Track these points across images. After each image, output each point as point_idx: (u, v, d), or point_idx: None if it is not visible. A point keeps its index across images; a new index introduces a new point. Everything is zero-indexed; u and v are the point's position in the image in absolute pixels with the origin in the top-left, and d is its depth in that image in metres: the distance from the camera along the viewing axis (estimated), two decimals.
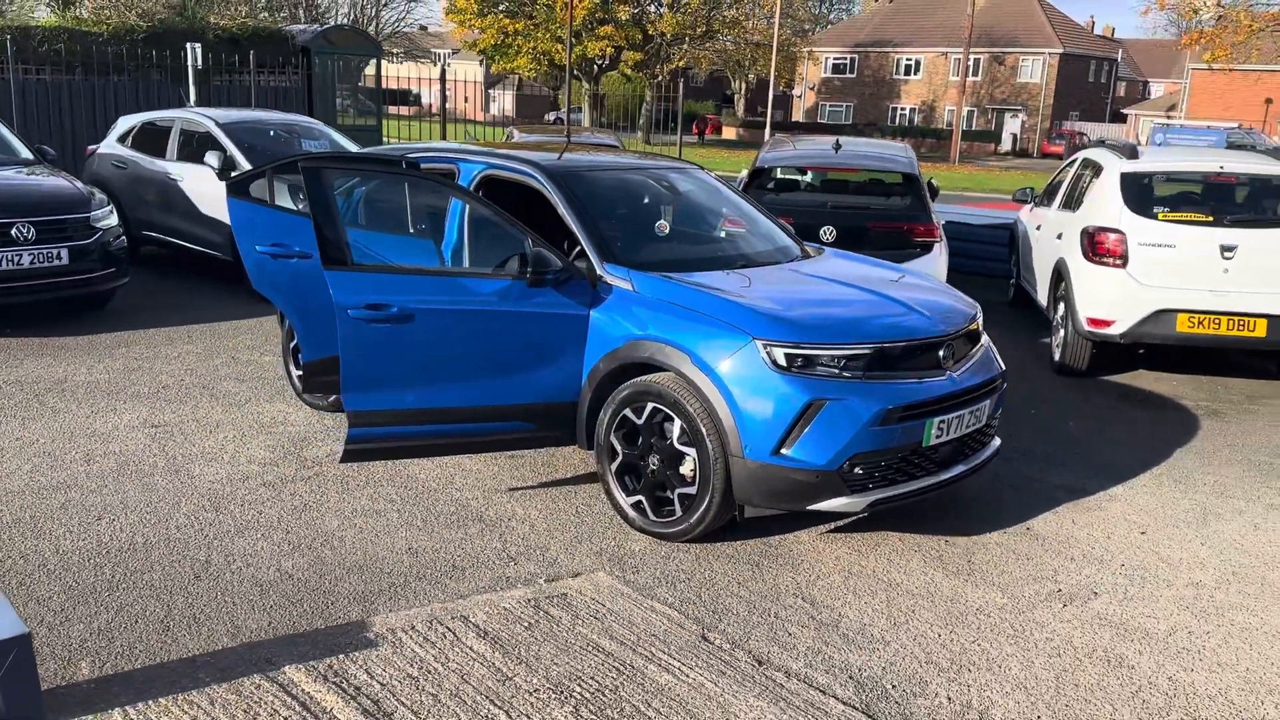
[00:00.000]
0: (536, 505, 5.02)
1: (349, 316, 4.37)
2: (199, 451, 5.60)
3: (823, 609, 4.12)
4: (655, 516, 4.65)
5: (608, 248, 4.91)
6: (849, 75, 65.47)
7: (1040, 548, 4.81)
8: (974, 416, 4.70)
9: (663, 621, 3.90)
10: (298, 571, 4.26)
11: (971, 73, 59.06)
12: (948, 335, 4.65)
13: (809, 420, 4.24)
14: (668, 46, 40.93)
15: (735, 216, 5.86)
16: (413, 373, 4.57)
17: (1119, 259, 7.43)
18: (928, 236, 8.08)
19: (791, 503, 4.40)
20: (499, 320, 4.64)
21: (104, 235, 8.30)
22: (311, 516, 4.81)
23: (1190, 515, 5.29)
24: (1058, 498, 5.44)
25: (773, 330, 4.33)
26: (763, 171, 8.67)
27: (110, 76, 16.28)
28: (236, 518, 4.77)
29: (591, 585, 4.17)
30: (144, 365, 7.24)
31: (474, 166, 5.57)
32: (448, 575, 4.26)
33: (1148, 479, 5.80)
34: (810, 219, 8.05)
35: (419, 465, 5.42)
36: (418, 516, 4.85)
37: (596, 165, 5.74)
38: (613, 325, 4.72)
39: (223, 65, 17.29)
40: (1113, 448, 6.31)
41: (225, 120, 10.24)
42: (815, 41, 65.35)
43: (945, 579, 4.44)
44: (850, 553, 4.65)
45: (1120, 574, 4.57)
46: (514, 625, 3.76)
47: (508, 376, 4.73)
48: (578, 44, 38.70)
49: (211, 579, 4.18)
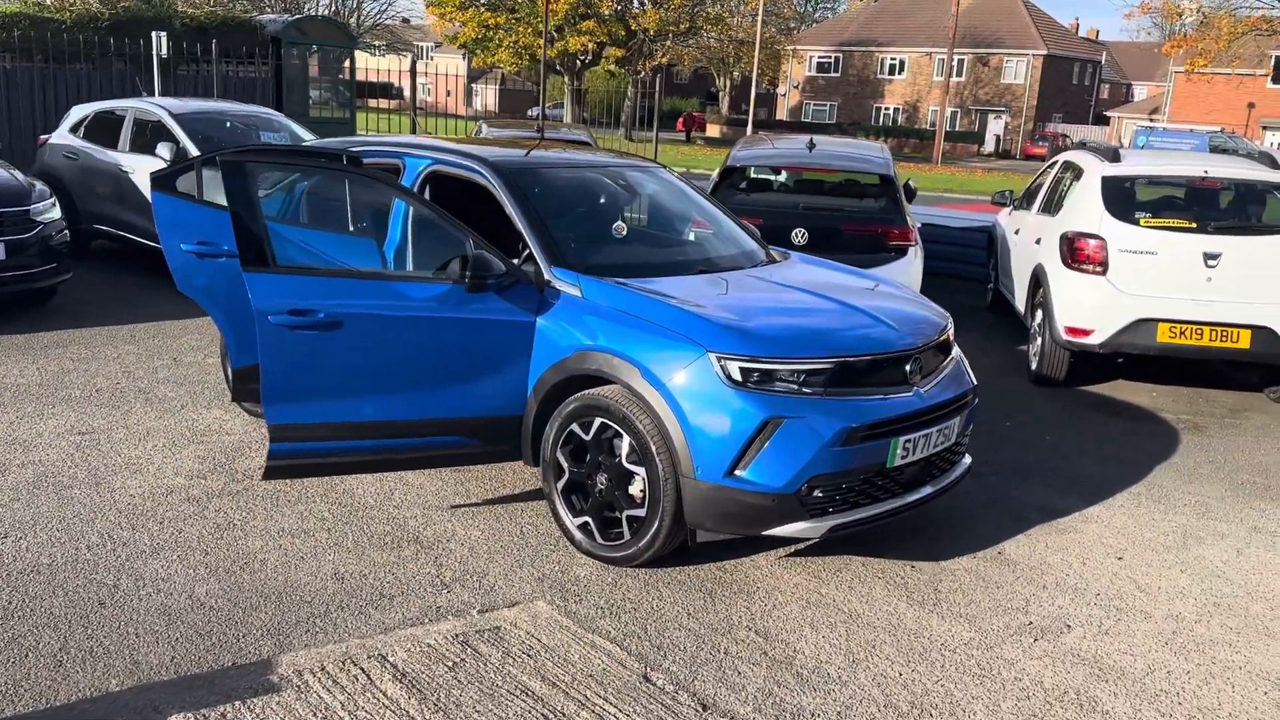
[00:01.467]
0: (479, 525, 4.70)
1: (269, 323, 4.04)
2: (124, 462, 5.26)
3: (776, 643, 3.83)
4: (602, 539, 4.34)
5: (557, 250, 4.60)
6: (833, 74, 65.26)
7: (1011, 574, 4.53)
8: (942, 435, 4.41)
9: (602, 659, 3.60)
10: (211, 599, 3.93)
11: (955, 73, 58.96)
12: (916, 348, 4.36)
13: (765, 439, 3.94)
14: (650, 43, 40.57)
15: (698, 219, 5.56)
16: (342, 384, 4.25)
17: (1099, 266, 7.17)
18: (902, 240, 7.80)
19: (746, 527, 4.10)
20: (437, 328, 4.32)
21: (45, 229, 7.93)
22: (234, 536, 4.48)
23: (1170, 539, 5.03)
24: (1031, 518, 5.17)
25: (728, 343, 4.03)
26: (734, 171, 8.37)
27: (72, 65, 15.85)
28: (153, 536, 4.44)
29: (528, 616, 3.86)
30: (79, 367, 6.89)
31: (420, 162, 5.24)
32: (373, 605, 3.94)
33: (1125, 498, 5.53)
34: (782, 220, 7.76)
35: (356, 480, 5.10)
36: (349, 537, 4.53)
37: (550, 162, 5.42)
38: (560, 334, 4.41)
39: (188, 55, 16.85)
40: (1090, 463, 6.05)
41: (180, 111, 9.87)
42: (799, 40, 65.12)
43: (909, 610, 4.15)
44: (809, 579, 4.35)
45: (1095, 604, 4.30)
46: (436, 665, 3.45)
47: (448, 388, 4.42)
48: (559, 39, 38.33)
49: (117, 606, 3.85)
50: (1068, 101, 62.59)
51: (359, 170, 4.71)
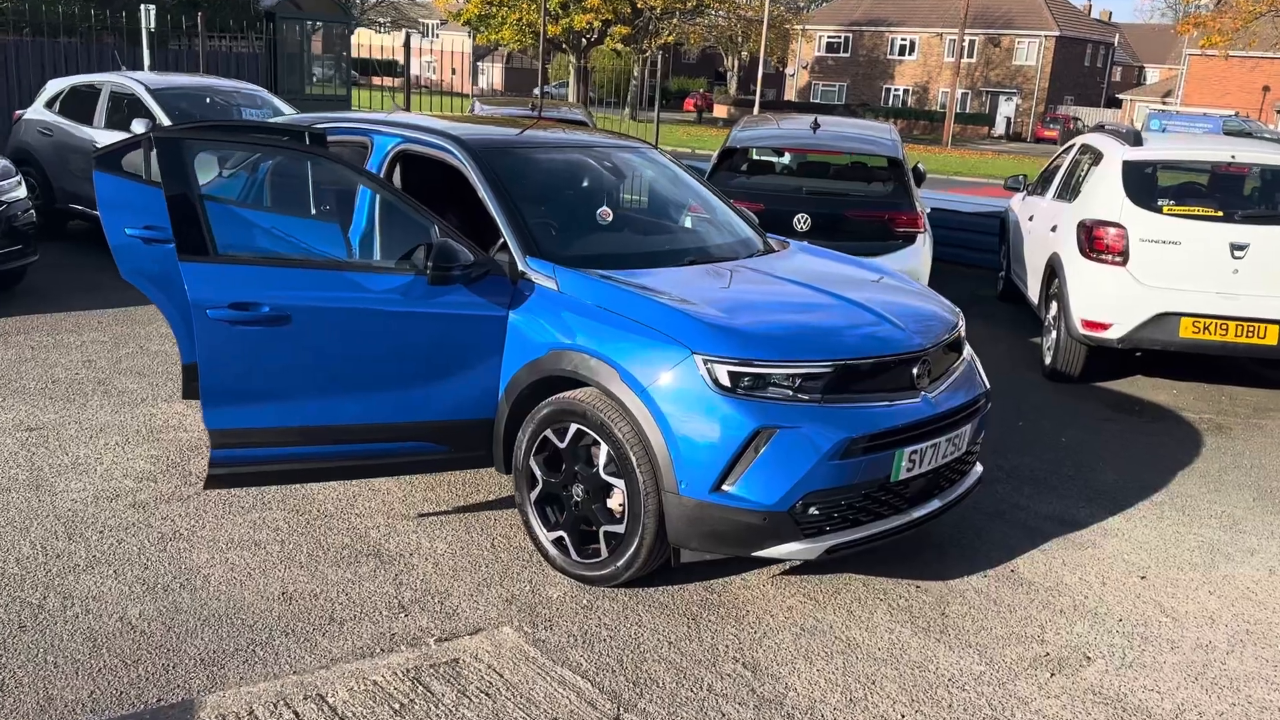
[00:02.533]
0: (446, 537, 4.33)
1: (208, 318, 3.65)
2: (71, 462, 4.89)
3: (766, 679, 3.45)
4: (579, 556, 3.97)
5: (532, 238, 4.20)
6: (843, 54, 64.47)
7: (1025, 596, 4.14)
8: (952, 444, 4.02)
9: (570, 699, 3.23)
10: (144, 622, 3.57)
11: (966, 54, 58.19)
12: (925, 349, 3.96)
13: (756, 452, 3.56)
14: (657, 21, 39.91)
15: (691, 204, 5.15)
16: (291, 385, 3.86)
17: (1118, 256, 6.75)
18: (910, 227, 7.38)
19: (734, 548, 3.72)
20: (398, 322, 3.93)
21: (8, 209, 7.55)
22: (178, 548, 4.11)
23: (1196, 555, 4.64)
24: (1046, 530, 4.78)
25: (715, 343, 3.64)
26: (734, 152, 7.94)
27: (59, 38, 15.43)
28: (91, 548, 4.07)
29: (491, 646, 3.49)
30: (39, 355, 6.52)
31: (388, 140, 4.84)
32: (320, 630, 3.57)
33: (1148, 508, 5.14)
34: (783, 205, 7.35)
35: (318, 485, 4.73)
36: (303, 550, 4.15)
37: (529, 141, 5.00)
38: (535, 330, 4.02)
39: (182, 29, 16.42)
40: (1108, 468, 5.65)
41: (157, 85, 9.47)
42: (809, 19, 64.30)
43: (914, 638, 3.77)
44: (805, 602, 3.97)
45: (1117, 632, 3.91)
46: (381, 708, 3.08)
47: (411, 389, 4.03)
48: (564, 16, 37.72)
49: (39, 630, 3.49)
50: (1080, 84, 61.78)
51: (302, 148, 4.31)
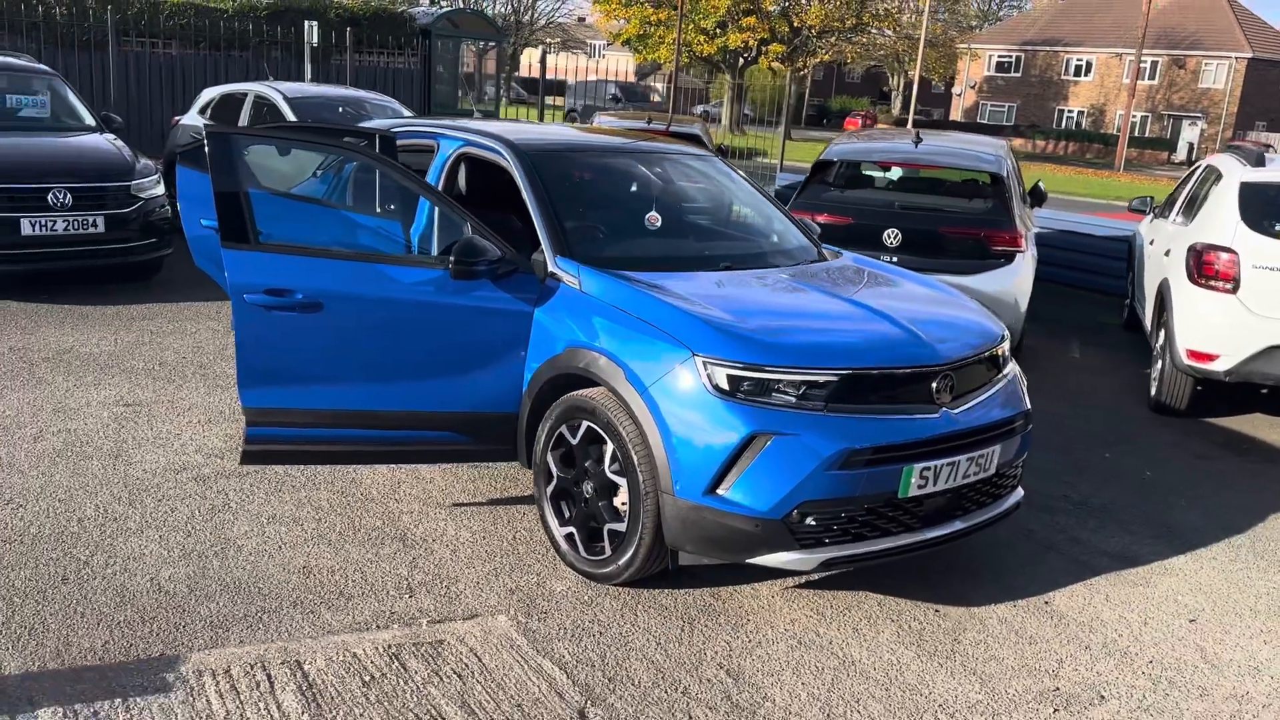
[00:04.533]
0: (472, 526, 4.44)
1: (245, 302, 3.89)
2: (152, 436, 5.26)
3: (746, 687, 3.41)
4: (586, 553, 4.01)
5: (564, 238, 4.29)
6: (1013, 74, 62.37)
7: (1052, 629, 3.94)
8: (976, 465, 3.86)
9: (540, 688, 3.27)
10: (171, 584, 3.81)
11: (1148, 76, 55.40)
12: (946, 364, 3.83)
13: (751, 457, 3.52)
14: (814, 39, 39.59)
15: (742, 212, 5.14)
16: (322, 369, 4.06)
17: (1229, 283, 6.32)
18: (1009, 245, 7.11)
19: (728, 553, 3.68)
20: (426, 314, 4.08)
21: (146, 204, 8.15)
22: (223, 519, 4.37)
23: (1262, 602, 4.30)
24: (1098, 565, 4.53)
25: (717, 346, 3.62)
26: (829, 165, 7.83)
27: (232, 52, 16.57)
28: (145, 513, 4.37)
29: (480, 632, 3.57)
30: (155, 340, 7.02)
31: (452, 143, 5.02)
32: (328, 604, 3.73)
33: (1222, 550, 4.80)
34: (873, 220, 7.22)
35: (369, 470, 4.93)
36: (336, 528, 4.35)
37: (580, 146, 5.10)
38: (557, 327, 4.10)
39: (337, 44, 17.34)
40: (1191, 508, 5.30)
41: (293, 94, 10.06)
42: (977, 38, 62.53)
43: (915, 660, 3.64)
44: (810, 616, 3.89)
45: (1144, 674, 3.67)
46: (352, 679, 3.19)
47: (437, 380, 4.17)
48: (719, 35, 37.89)
49: (78, 584, 3.77)
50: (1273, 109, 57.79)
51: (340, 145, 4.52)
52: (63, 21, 14.90)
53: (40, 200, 7.54)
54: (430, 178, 5.02)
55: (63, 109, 9.04)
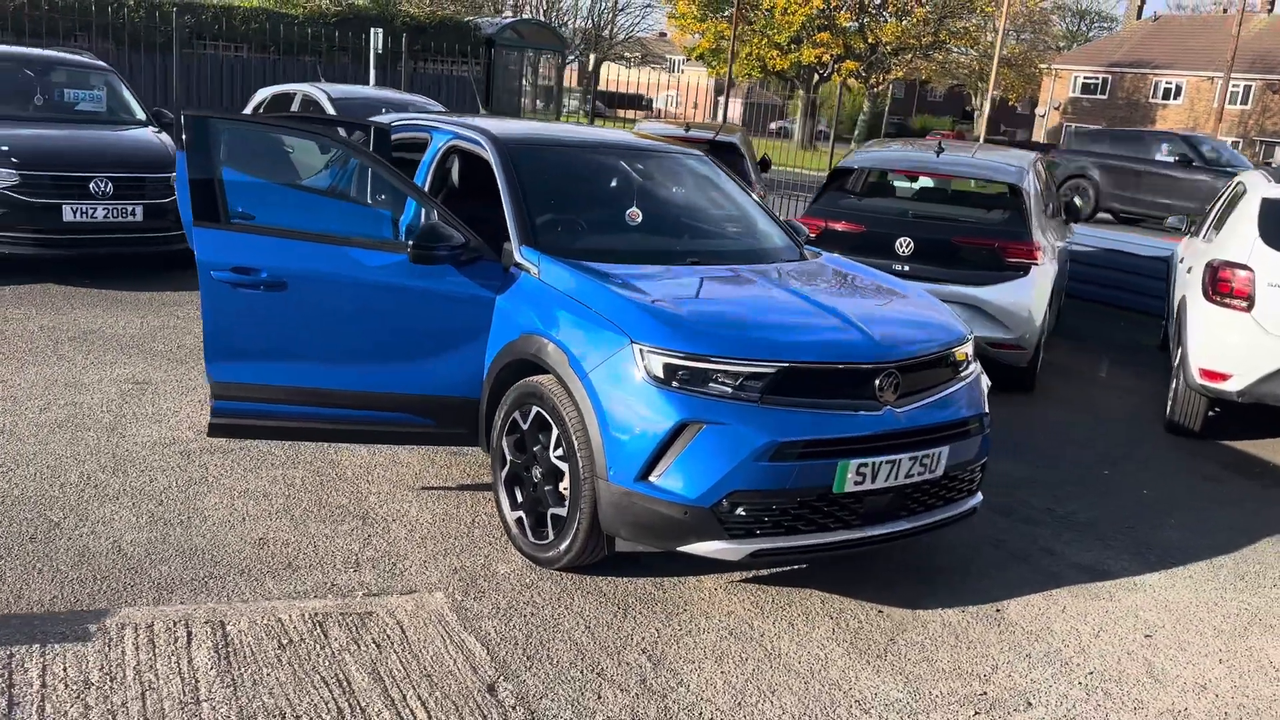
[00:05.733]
0: (435, 508, 4.53)
1: (212, 278, 4.04)
2: (152, 412, 5.46)
3: (664, 672, 3.42)
4: (533, 537, 4.07)
5: (530, 228, 4.36)
6: (1099, 96, 60.95)
7: (996, 636, 3.88)
8: (921, 465, 3.82)
9: (455, 660, 3.33)
10: (132, 548, 3.96)
11: (1240, 100, 53.72)
12: (891, 361, 3.80)
13: (682, 445, 3.54)
14: (889, 56, 39.26)
15: (724, 211, 5.16)
16: (285, 347, 4.18)
17: (1244, 301, 6.14)
18: (1024, 257, 6.99)
19: (659, 540, 3.70)
20: (387, 297, 4.18)
21: None
22: (196, 491, 4.52)
23: (1229, 623, 4.17)
24: (1066, 577, 4.44)
25: (655, 334, 3.66)
26: (846, 173, 7.80)
27: (302, 57, 17.11)
28: (123, 483, 4.55)
29: (412, 607, 3.65)
30: (180, 324, 7.28)
31: (443, 136, 5.15)
32: (273, 574, 3.84)
33: (1202, 569, 4.66)
34: (886, 228, 7.16)
35: (349, 450, 5.06)
36: (302, 504, 4.47)
37: (563, 140, 5.18)
38: (517, 314, 4.17)
39: (401, 51, 17.78)
40: (1181, 527, 5.15)
41: (337, 95, 10.34)
42: (1061, 59, 61.31)
43: (843, 657, 3.62)
44: (749, 608, 3.89)
45: (1079, 684, 3.59)
46: (270, 641, 3.29)
47: (398, 362, 4.27)
48: (792, 51, 37.82)
49: (45, 543, 3.94)
50: None
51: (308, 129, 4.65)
52: (141, 24, 15.55)
53: (82, 188, 7.88)
54: (421, 169, 5.14)
55: (117, 103, 9.42)
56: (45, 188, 7.77)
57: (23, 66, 9.18)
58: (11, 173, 7.71)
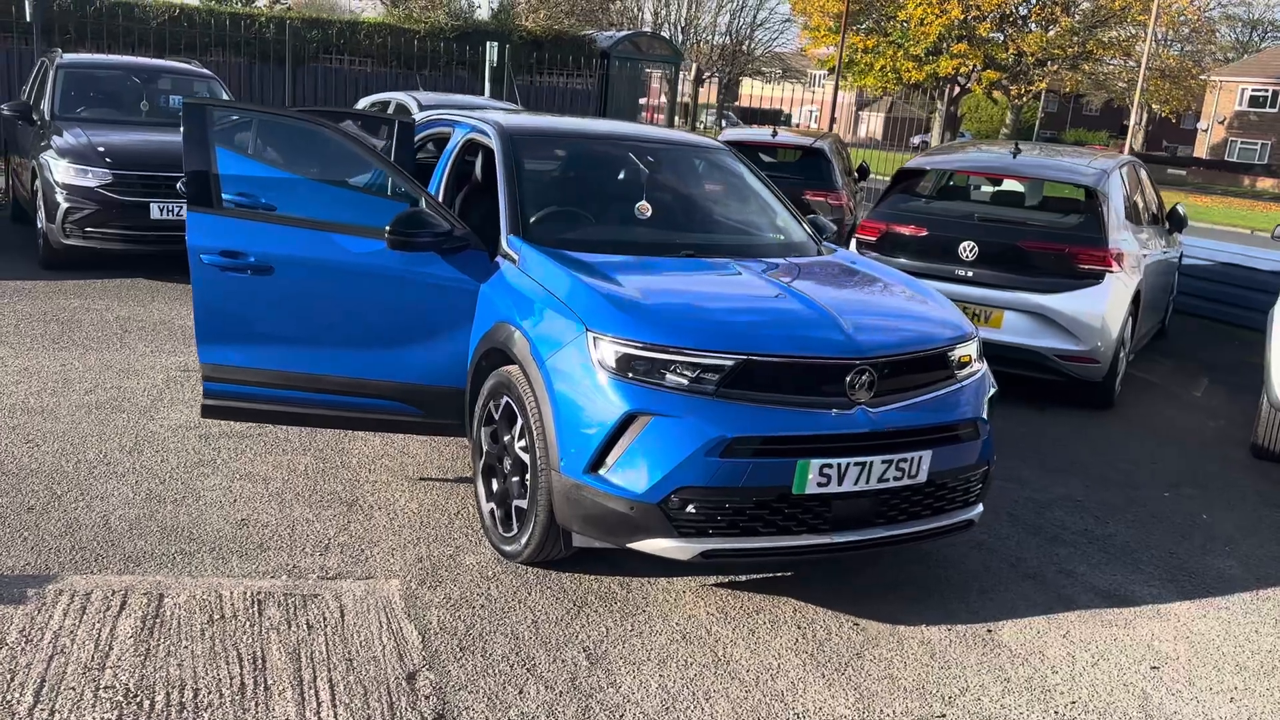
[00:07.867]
0: (425, 499, 4.52)
1: (201, 262, 4.13)
2: (188, 397, 5.65)
3: (599, 671, 3.29)
4: (502, 530, 4.00)
5: (520, 217, 4.31)
6: (1268, 110, 57.31)
7: (978, 657, 3.59)
8: (897, 469, 3.58)
9: (385, 649, 3.29)
10: (119, 523, 4.07)
11: None
12: (865, 357, 3.57)
13: (631, 438, 3.42)
14: (1033, 68, 37.80)
15: (737, 205, 4.99)
16: (272, 331, 4.24)
17: None
18: (1098, 264, 6.55)
19: (608, 536, 3.57)
20: (370, 283, 4.19)
21: None
22: (202, 472, 4.64)
23: (1257, 660, 3.76)
24: (1079, 601, 4.09)
25: (611, 324, 3.54)
26: (912, 174, 7.47)
27: (422, 70, 17.62)
28: (137, 462, 4.70)
29: (363, 592, 3.63)
30: None
31: (463, 129, 5.16)
32: (241, 554, 3.88)
33: (1240, 602, 4.23)
34: (950, 232, 6.84)
35: (363, 438, 5.11)
36: (296, 489, 4.52)
37: (573, 132, 5.11)
38: (494, 303, 4.13)
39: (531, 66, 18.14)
40: (1236, 556, 4.70)
41: (425, 101, 10.56)
42: (1224, 71, 57.87)
43: (799, 670, 3.41)
44: (712, 613, 3.72)
45: (1054, 713, 3.29)
46: (200, 615, 3.32)
47: (385, 350, 4.28)
48: (929, 62, 36.88)
49: (40, 513, 4.10)
50: None
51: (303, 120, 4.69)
52: (271, 39, 16.31)
53: (170, 188, 8.27)
54: (441, 161, 5.17)
55: None
56: (135, 187, 8.20)
57: (131, 74, 9.74)
58: (106, 172, 8.17)
